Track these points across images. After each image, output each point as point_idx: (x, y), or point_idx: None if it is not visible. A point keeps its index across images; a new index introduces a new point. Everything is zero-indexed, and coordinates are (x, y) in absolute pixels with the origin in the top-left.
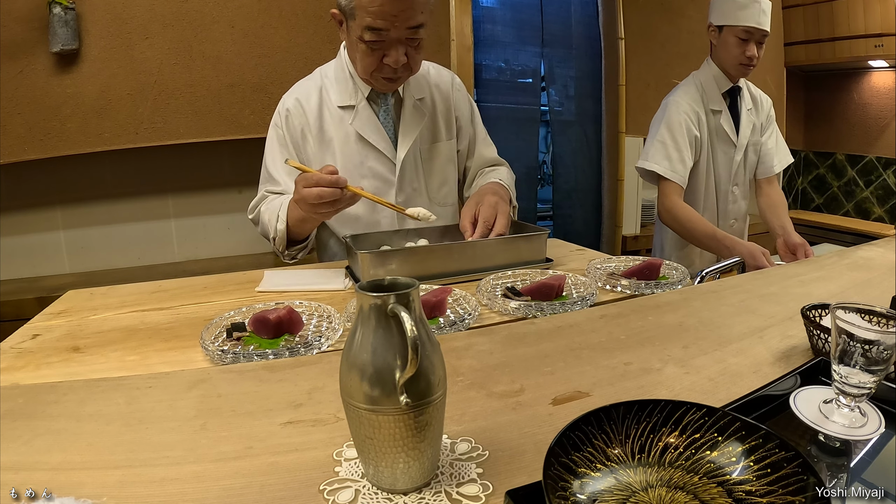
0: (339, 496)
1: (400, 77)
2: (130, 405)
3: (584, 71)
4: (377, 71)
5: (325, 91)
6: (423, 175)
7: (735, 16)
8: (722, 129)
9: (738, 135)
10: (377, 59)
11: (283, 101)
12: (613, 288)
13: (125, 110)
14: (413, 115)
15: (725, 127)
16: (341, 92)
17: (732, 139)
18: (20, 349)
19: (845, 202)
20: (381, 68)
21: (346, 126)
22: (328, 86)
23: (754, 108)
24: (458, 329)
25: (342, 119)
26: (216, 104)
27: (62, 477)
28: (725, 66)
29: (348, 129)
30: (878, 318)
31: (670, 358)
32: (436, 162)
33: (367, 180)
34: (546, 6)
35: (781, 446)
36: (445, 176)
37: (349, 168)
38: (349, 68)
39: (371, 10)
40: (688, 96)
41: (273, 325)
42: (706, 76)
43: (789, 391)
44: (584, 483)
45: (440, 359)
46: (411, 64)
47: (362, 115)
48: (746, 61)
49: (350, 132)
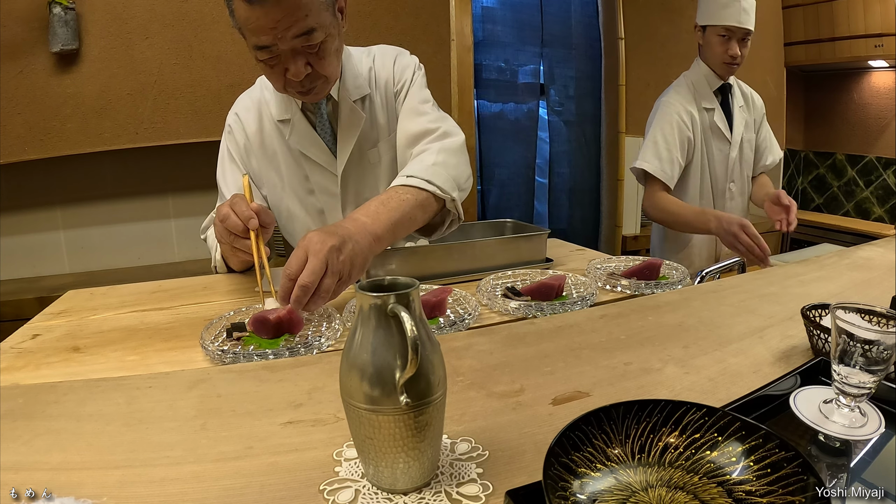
0: (339, 496)
1: (315, 87)
2: (130, 405)
3: (583, 71)
4: (288, 86)
5: (264, 104)
6: (372, 182)
7: (717, 15)
8: (716, 126)
9: (731, 131)
10: (280, 74)
11: (227, 117)
12: (613, 288)
13: (125, 110)
14: (350, 120)
15: (719, 124)
16: (278, 105)
17: (727, 136)
18: (20, 349)
19: (845, 202)
20: (289, 83)
21: (285, 141)
22: (268, 98)
23: (746, 105)
24: (458, 329)
25: (282, 133)
26: (216, 104)
27: (62, 477)
28: (711, 65)
29: (288, 144)
30: (878, 318)
31: (670, 358)
32: (382, 166)
33: (313, 196)
34: (546, 6)
35: (781, 446)
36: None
37: (294, 184)
38: None
39: (249, 28)
40: (679, 96)
41: (273, 325)
42: (697, 75)
43: (789, 391)
44: (584, 483)
45: (440, 359)
46: (320, 72)
47: (298, 128)
48: (730, 60)
49: (290, 147)
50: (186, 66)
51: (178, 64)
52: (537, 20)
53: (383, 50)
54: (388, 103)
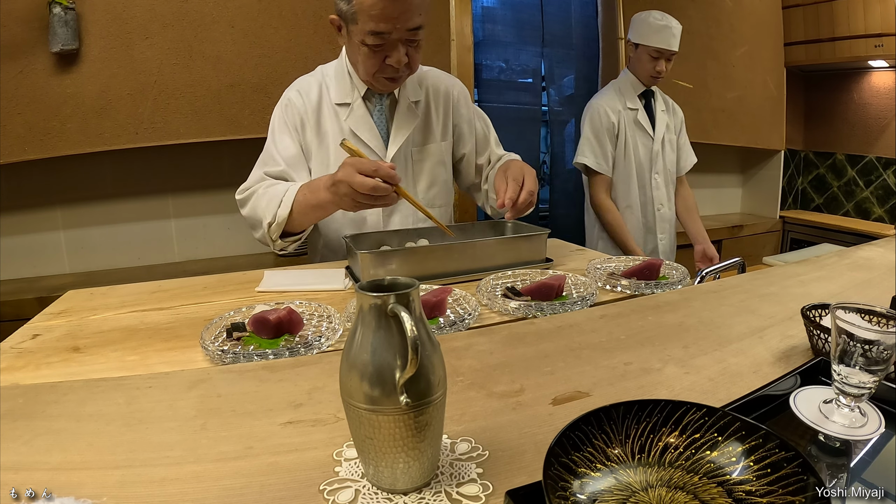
0: (339, 496)
1: (401, 76)
2: (130, 405)
3: (583, 71)
4: (379, 72)
5: (324, 87)
6: (412, 175)
7: (649, 38)
8: (640, 122)
9: (654, 129)
10: (379, 60)
11: (285, 92)
12: (613, 288)
13: (125, 110)
14: (406, 116)
15: (642, 121)
16: (339, 89)
17: (649, 132)
18: (20, 349)
19: (845, 202)
20: (383, 69)
21: (342, 122)
22: (328, 83)
23: (667, 110)
24: (458, 329)
25: (338, 115)
26: (216, 104)
27: (62, 477)
28: (639, 76)
29: (343, 126)
30: (878, 318)
31: (670, 358)
32: (426, 163)
33: None
34: (546, 6)
35: (781, 446)
36: (435, 177)
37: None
38: (348, 68)
39: (373, 14)
40: (605, 97)
41: (273, 326)
42: (624, 82)
43: (789, 391)
44: (584, 483)
45: (440, 359)
46: (411, 63)
47: (357, 112)
48: (656, 74)
49: (345, 129)
50: (186, 66)
51: (178, 64)
52: (537, 20)
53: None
54: (443, 116)
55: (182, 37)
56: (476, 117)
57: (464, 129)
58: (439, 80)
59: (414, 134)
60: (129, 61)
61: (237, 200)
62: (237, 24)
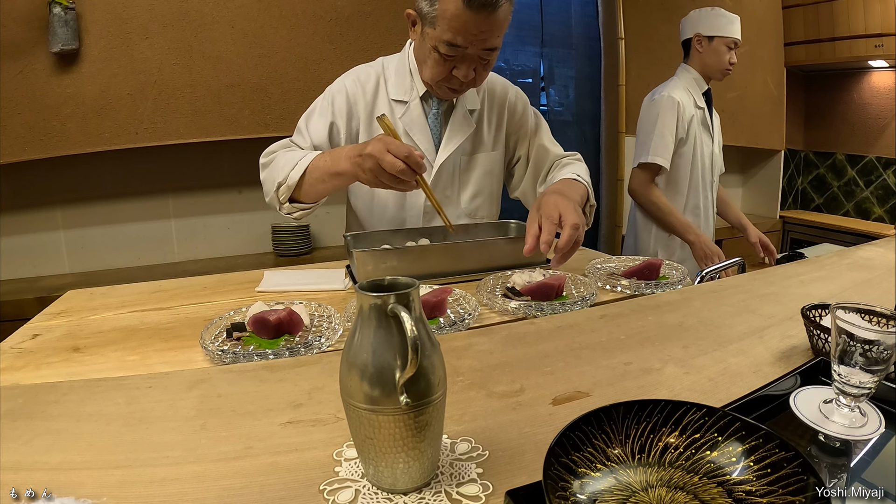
0: (339, 496)
1: (463, 89)
2: (130, 405)
3: (583, 71)
4: (444, 81)
5: (383, 80)
6: (458, 184)
7: (726, 29)
8: (706, 121)
9: (713, 130)
10: (447, 69)
11: (341, 78)
12: (613, 288)
13: (125, 110)
14: (462, 124)
15: (707, 120)
16: (398, 86)
17: (711, 132)
18: (20, 349)
19: (845, 202)
20: (448, 79)
21: (396, 119)
22: (388, 76)
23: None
24: (458, 329)
25: (393, 111)
26: (216, 104)
27: (62, 477)
28: (710, 71)
29: (397, 123)
30: (878, 318)
31: (670, 358)
32: (474, 172)
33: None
34: (546, 6)
35: (781, 446)
36: (480, 188)
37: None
38: (411, 65)
39: (454, 26)
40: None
41: (273, 326)
42: (687, 79)
43: (789, 391)
44: (584, 483)
45: (440, 359)
46: (477, 80)
47: (413, 112)
48: (730, 66)
49: (398, 126)
50: (186, 66)
51: (178, 64)
52: (537, 20)
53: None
54: (497, 124)
55: (182, 37)
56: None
57: (519, 140)
58: (495, 86)
59: (465, 142)
60: (129, 61)
61: (260, 164)
62: (237, 24)
